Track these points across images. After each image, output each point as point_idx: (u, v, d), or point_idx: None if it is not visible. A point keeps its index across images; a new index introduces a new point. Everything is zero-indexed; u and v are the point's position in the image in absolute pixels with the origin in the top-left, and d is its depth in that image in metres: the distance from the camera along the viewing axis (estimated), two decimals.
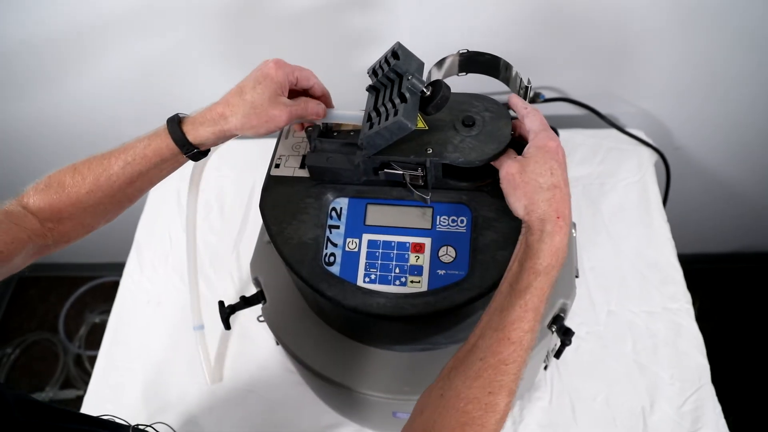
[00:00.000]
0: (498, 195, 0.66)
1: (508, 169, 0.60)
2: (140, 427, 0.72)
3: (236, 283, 1.14)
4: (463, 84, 0.72)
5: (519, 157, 0.60)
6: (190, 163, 0.73)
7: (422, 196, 0.65)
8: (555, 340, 0.81)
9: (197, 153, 0.66)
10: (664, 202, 1.32)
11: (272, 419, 1.00)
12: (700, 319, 1.80)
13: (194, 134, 0.64)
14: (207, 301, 1.09)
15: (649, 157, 1.23)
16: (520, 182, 0.58)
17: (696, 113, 1.29)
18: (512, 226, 0.64)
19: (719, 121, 1.31)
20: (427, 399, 0.56)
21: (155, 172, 0.68)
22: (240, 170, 1.32)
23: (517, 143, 0.64)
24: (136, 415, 1.03)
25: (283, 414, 1.01)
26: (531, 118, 0.62)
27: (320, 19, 1.09)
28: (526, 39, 1.12)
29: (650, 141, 1.25)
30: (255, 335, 1.07)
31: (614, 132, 1.25)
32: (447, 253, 0.65)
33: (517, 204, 0.59)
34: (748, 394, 1.66)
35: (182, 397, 1.05)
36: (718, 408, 0.95)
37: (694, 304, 1.83)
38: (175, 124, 0.64)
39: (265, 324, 0.82)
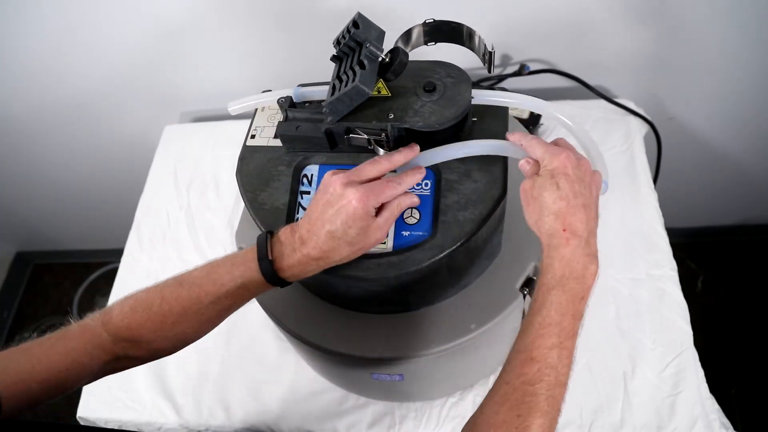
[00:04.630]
0: (461, 159, 0.68)
1: (523, 185, 0.62)
2: None
3: None
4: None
5: (535, 175, 0.61)
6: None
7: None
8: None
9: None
10: (657, 170, 1.32)
11: (265, 386, 1.04)
12: (704, 292, 1.82)
13: (293, 277, 0.62)
14: None
15: (638, 127, 1.24)
16: (530, 198, 0.60)
17: (689, 82, 1.29)
18: (473, 188, 0.66)
19: (715, 90, 1.30)
20: (466, 428, 0.56)
21: (245, 301, 0.66)
22: (235, 150, 1.34)
23: None
24: (136, 385, 1.07)
25: (276, 381, 1.04)
26: (530, 149, 0.62)
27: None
28: (512, 9, 1.12)
29: (640, 111, 1.25)
30: (249, 305, 1.10)
31: (603, 102, 1.25)
32: (411, 215, 0.67)
33: (530, 219, 0.61)
34: (752, 365, 1.66)
35: (180, 366, 1.09)
36: (701, 372, 0.96)
37: (698, 277, 1.84)
38: (270, 266, 0.61)
39: None
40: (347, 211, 0.58)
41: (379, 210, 0.61)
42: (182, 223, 1.26)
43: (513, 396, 0.53)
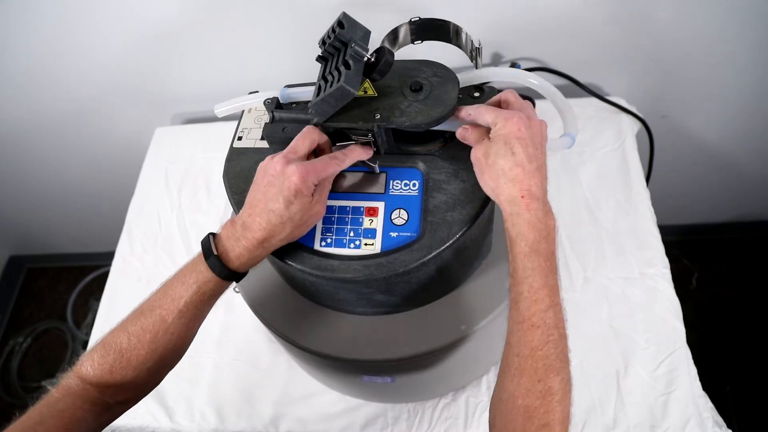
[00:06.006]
0: (448, 158, 0.68)
1: (475, 152, 0.62)
2: None
3: None
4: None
5: (485, 140, 0.62)
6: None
7: (371, 164, 0.67)
8: None
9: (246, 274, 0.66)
10: (649, 168, 1.32)
11: (258, 389, 1.03)
12: (698, 289, 1.82)
13: (243, 266, 0.63)
14: None
15: (629, 125, 1.23)
16: (485, 166, 0.60)
17: (682, 80, 1.28)
18: (461, 188, 0.66)
19: (707, 88, 1.30)
20: (492, 408, 0.59)
21: (208, 307, 0.66)
22: (225, 151, 1.35)
23: None
24: None
25: (268, 384, 1.04)
26: (480, 117, 0.62)
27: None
28: (503, 7, 1.12)
29: (632, 109, 1.25)
30: (240, 308, 1.10)
31: (595, 100, 1.24)
32: (399, 216, 0.66)
33: (486, 187, 0.62)
34: (746, 362, 1.66)
35: (173, 370, 1.08)
36: (694, 371, 0.95)
37: (692, 274, 1.84)
38: (218, 261, 0.61)
39: None
40: (288, 188, 0.59)
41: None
42: (173, 226, 1.26)
43: (527, 364, 0.55)
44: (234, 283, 0.65)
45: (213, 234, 0.64)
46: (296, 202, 0.60)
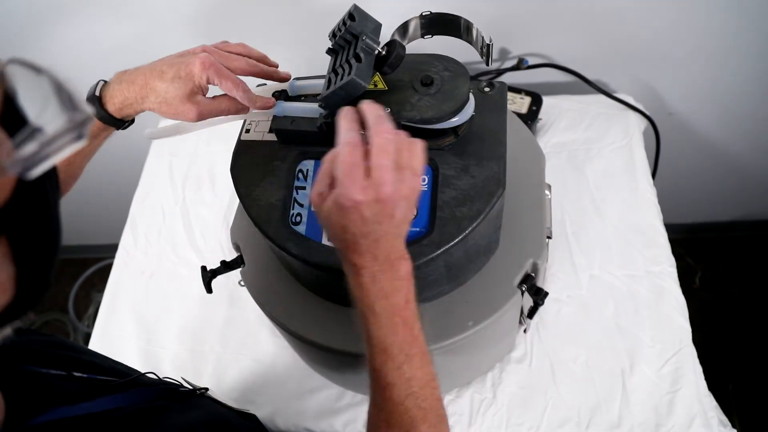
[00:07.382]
0: (458, 153, 0.68)
1: (313, 199, 0.53)
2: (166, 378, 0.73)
3: (225, 252, 1.17)
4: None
5: (328, 192, 0.51)
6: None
7: None
8: (528, 301, 0.82)
9: (127, 123, 0.71)
10: (655, 166, 1.31)
11: (262, 383, 1.03)
12: (702, 288, 1.82)
13: (120, 114, 0.67)
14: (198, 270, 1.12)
15: (636, 122, 1.23)
16: (319, 216, 0.54)
17: (689, 78, 1.28)
18: (471, 184, 0.65)
19: (714, 86, 1.30)
20: None
21: (88, 148, 0.70)
22: (231, 144, 1.34)
23: None
24: None
25: (272, 378, 1.03)
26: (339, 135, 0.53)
27: None
28: (510, 3, 1.11)
29: (639, 106, 1.24)
30: (244, 302, 1.10)
31: (602, 98, 1.24)
32: None
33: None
34: (749, 362, 1.66)
35: (176, 364, 1.08)
36: (699, 369, 0.95)
37: (696, 273, 1.84)
38: (98, 105, 0.66)
39: None
40: (186, 65, 0.62)
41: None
42: (177, 219, 1.25)
43: (393, 419, 0.54)
44: (115, 130, 0.69)
45: (105, 81, 0.68)
46: (180, 83, 0.62)
